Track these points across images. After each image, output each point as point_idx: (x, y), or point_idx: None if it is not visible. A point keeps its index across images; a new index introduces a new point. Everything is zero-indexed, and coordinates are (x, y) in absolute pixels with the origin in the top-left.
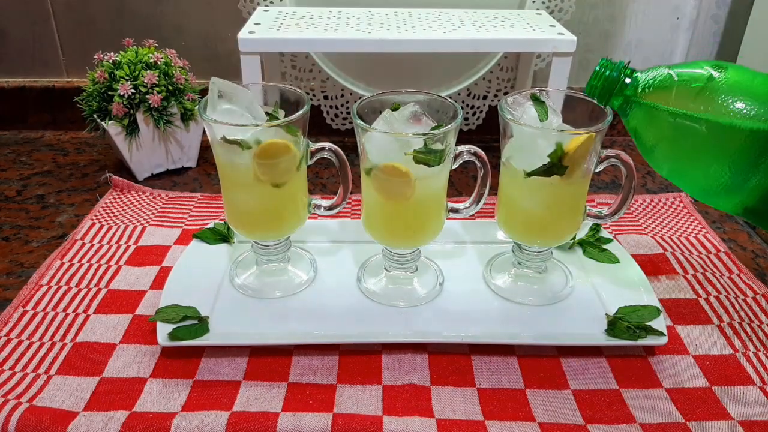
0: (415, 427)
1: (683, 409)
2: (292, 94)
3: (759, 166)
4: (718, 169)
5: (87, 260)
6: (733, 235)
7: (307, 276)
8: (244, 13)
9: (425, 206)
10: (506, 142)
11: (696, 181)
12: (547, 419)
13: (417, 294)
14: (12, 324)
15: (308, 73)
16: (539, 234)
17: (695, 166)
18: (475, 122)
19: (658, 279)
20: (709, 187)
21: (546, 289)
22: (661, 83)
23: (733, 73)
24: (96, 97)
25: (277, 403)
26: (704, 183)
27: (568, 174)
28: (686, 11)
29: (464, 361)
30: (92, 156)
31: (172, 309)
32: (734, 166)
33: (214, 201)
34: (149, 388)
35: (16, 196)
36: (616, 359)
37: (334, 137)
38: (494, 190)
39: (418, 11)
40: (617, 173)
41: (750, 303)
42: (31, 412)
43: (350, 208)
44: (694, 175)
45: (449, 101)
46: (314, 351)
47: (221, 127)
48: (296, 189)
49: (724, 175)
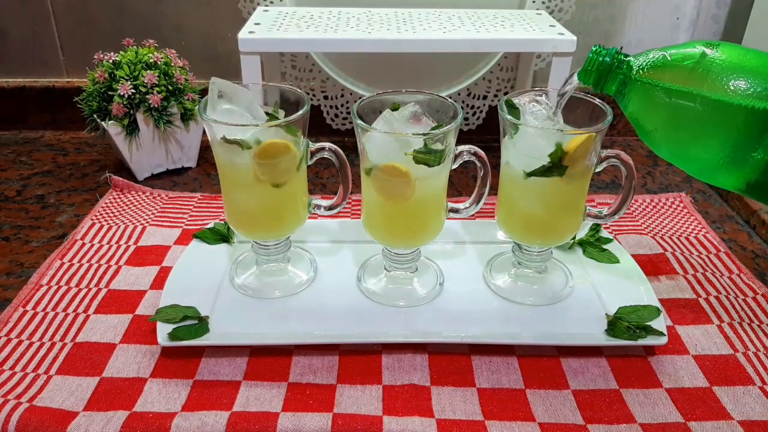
0: (415, 427)
1: (683, 409)
2: (292, 94)
3: (761, 141)
4: (718, 146)
5: (87, 260)
6: (733, 235)
7: (307, 276)
8: (244, 13)
9: (425, 206)
10: (506, 142)
11: (697, 160)
12: (547, 419)
13: (417, 294)
14: (12, 324)
15: (308, 73)
16: (539, 234)
17: (695, 144)
18: (475, 122)
19: (658, 279)
20: (709, 164)
21: (546, 289)
22: (655, 62)
23: (725, 49)
24: (96, 97)
25: (277, 403)
26: (705, 160)
27: (568, 174)
28: (686, 11)
29: (464, 361)
30: (92, 156)
31: (172, 309)
32: (735, 141)
33: (214, 201)
34: (149, 388)
35: (16, 196)
36: (616, 359)
37: (334, 137)
38: (494, 190)
39: (418, 11)
40: (617, 173)
41: (750, 303)
42: (31, 412)
43: (350, 208)
44: (695, 154)
45: (449, 101)
46: (314, 351)
47: (221, 127)
48: (296, 189)
49: (725, 151)
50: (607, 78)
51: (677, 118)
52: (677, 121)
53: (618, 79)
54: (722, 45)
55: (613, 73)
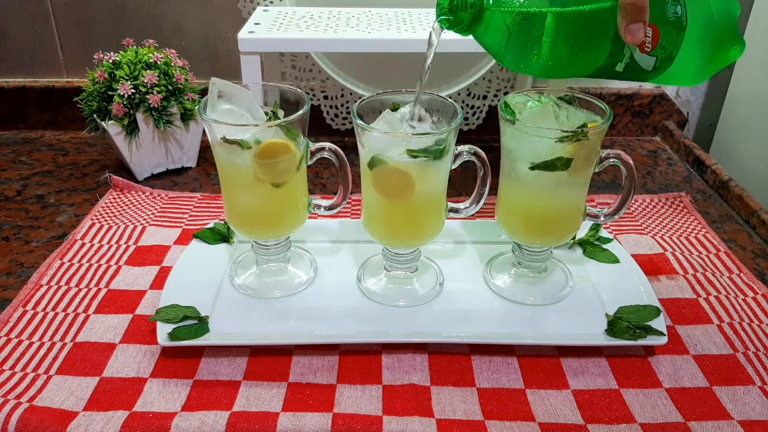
0: (415, 427)
1: (683, 409)
2: (292, 94)
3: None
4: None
5: (87, 260)
6: (733, 235)
7: (307, 276)
8: (244, 13)
9: (425, 206)
10: (506, 142)
11: (572, 66)
12: (547, 419)
13: (417, 294)
14: (12, 324)
15: (308, 73)
16: (539, 234)
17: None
18: (475, 122)
19: (658, 279)
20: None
21: (546, 289)
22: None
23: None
24: (96, 97)
25: (277, 403)
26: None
27: (572, 169)
28: None
29: (464, 361)
30: (92, 156)
31: (172, 309)
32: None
33: (214, 201)
34: (149, 388)
35: (16, 196)
36: (616, 359)
37: (334, 137)
38: (494, 190)
39: (418, 11)
40: (617, 173)
41: (750, 303)
42: (31, 412)
43: (350, 208)
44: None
45: (449, 101)
46: (314, 351)
47: (221, 127)
48: (296, 189)
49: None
50: (462, 8)
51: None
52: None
53: (470, 12)
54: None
55: (470, 5)
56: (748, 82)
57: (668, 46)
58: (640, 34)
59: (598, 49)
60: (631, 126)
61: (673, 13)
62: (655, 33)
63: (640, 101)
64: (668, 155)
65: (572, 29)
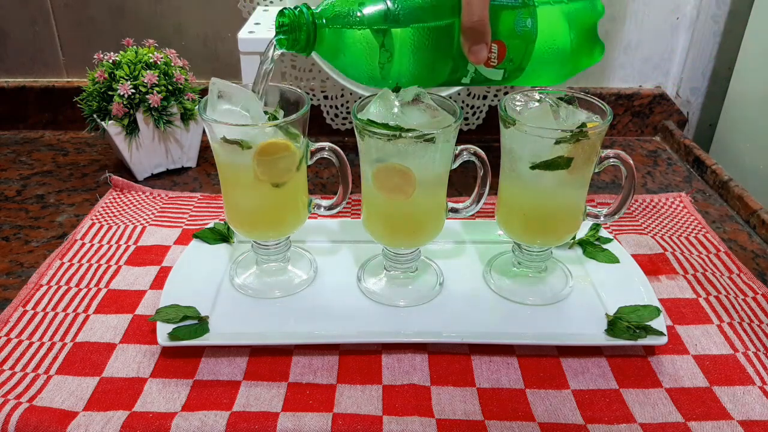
0: (415, 427)
1: (683, 409)
2: (292, 94)
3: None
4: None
5: (87, 260)
6: (733, 235)
7: (307, 276)
8: (244, 13)
9: (425, 206)
10: (506, 142)
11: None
12: (547, 419)
13: (417, 294)
14: (12, 324)
15: (308, 73)
16: (539, 234)
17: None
18: (475, 122)
19: (658, 279)
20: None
21: (546, 289)
22: (334, 7)
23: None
24: (96, 97)
25: (277, 403)
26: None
27: (572, 169)
28: (686, 11)
29: (464, 361)
30: (92, 156)
31: (172, 309)
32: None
33: (214, 201)
34: (149, 388)
35: (16, 196)
36: (616, 359)
37: (334, 137)
38: (494, 190)
39: None
40: (617, 173)
41: (750, 303)
42: (31, 412)
43: (350, 208)
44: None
45: (449, 101)
46: (314, 351)
47: (221, 127)
48: (296, 189)
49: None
50: (298, 29)
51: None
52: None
53: (305, 30)
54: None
55: (301, 25)
56: (748, 82)
57: (516, 58)
58: (483, 54)
59: (439, 63)
60: (631, 126)
61: (522, 26)
62: (501, 49)
63: (640, 101)
64: (668, 155)
65: (408, 46)
